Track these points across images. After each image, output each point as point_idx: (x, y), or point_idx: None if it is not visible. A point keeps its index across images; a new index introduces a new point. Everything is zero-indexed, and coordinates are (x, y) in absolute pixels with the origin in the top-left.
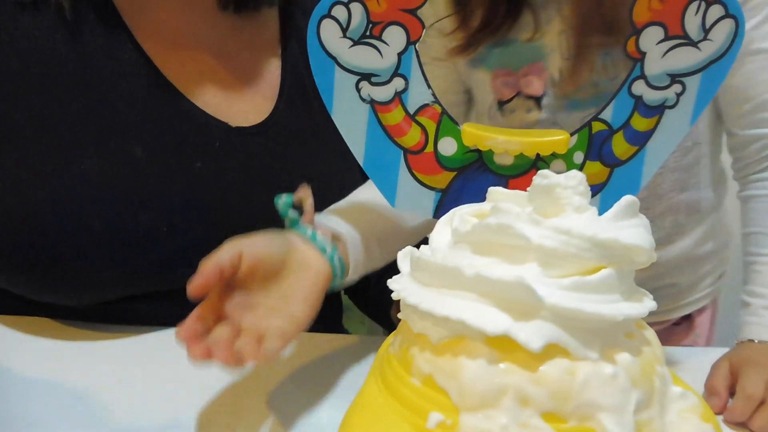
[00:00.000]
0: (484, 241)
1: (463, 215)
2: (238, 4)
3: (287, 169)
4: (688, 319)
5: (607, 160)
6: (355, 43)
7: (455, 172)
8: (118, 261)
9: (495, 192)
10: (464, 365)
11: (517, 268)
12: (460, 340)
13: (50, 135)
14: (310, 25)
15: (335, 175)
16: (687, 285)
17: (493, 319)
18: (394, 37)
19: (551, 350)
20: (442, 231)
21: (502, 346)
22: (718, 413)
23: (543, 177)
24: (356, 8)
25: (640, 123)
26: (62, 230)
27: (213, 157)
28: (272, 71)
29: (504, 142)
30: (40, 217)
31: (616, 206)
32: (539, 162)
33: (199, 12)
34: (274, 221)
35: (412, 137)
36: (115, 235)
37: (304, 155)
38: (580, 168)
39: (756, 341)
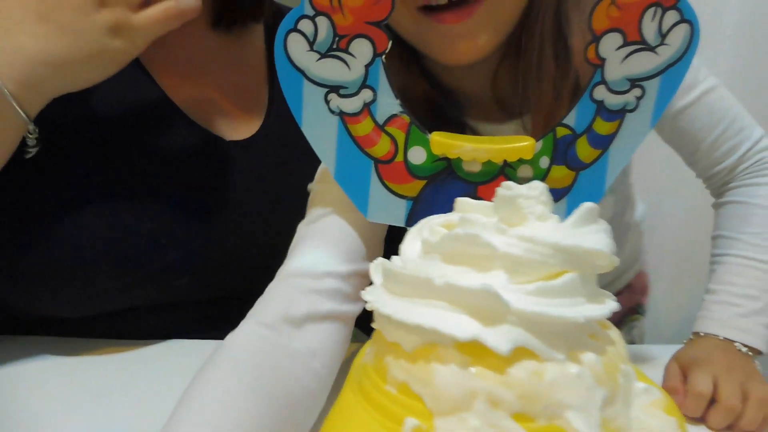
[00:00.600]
0: (452, 251)
1: (432, 226)
2: (229, 22)
3: (281, 178)
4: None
5: (572, 164)
6: (323, 56)
7: (425, 181)
8: (119, 269)
9: (462, 203)
10: (437, 371)
11: (484, 276)
12: (433, 347)
13: (50, 143)
14: (277, 39)
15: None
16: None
17: (462, 326)
18: (361, 49)
19: (519, 353)
20: (413, 242)
21: (473, 351)
22: (692, 414)
23: (507, 188)
24: (322, 22)
25: (602, 127)
26: (66, 238)
27: (210, 169)
28: (260, 85)
29: (471, 150)
30: (43, 224)
31: (576, 213)
32: (507, 168)
33: (191, 31)
34: (269, 231)
35: (382, 147)
36: (117, 244)
37: (297, 164)
38: (546, 172)
39: (702, 333)
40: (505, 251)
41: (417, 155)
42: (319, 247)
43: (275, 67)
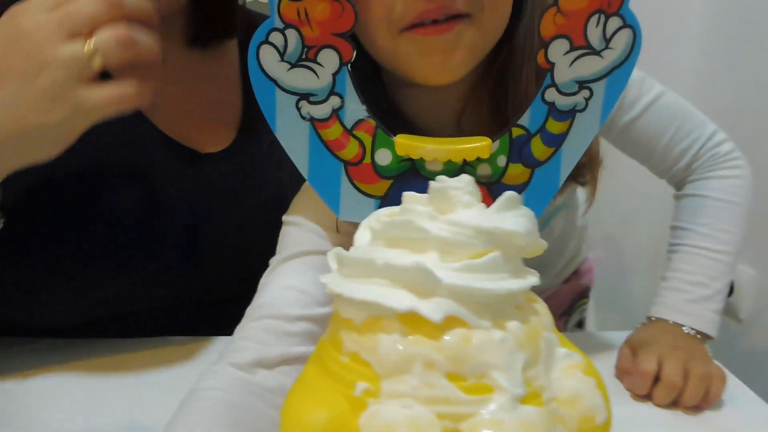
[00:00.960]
0: (393, 236)
1: (379, 217)
2: (204, 41)
3: (255, 188)
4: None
5: (527, 161)
6: (293, 66)
7: (392, 180)
8: (97, 283)
9: (408, 196)
10: (381, 340)
11: (419, 257)
12: (378, 320)
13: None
14: (250, 51)
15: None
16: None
17: (401, 299)
18: (328, 59)
19: (450, 322)
20: (363, 232)
21: (411, 321)
22: (639, 392)
23: (439, 182)
24: (291, 34)
25: (554, 127)
26: (47, 259)
27: (186, 182)
28: (234, 100)
29: (433, 150)
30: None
31: (498, 201)
32: (466, 167)
33: (167, 47)
34: (246, 240)
35: (350, 150)
36: (94, 261)
37: (271, 175)
38: (504, 170)
39: (653, 318)
40: (437, 234)
41: (383, 157)
42: (293, 288)
43: (249, 80)
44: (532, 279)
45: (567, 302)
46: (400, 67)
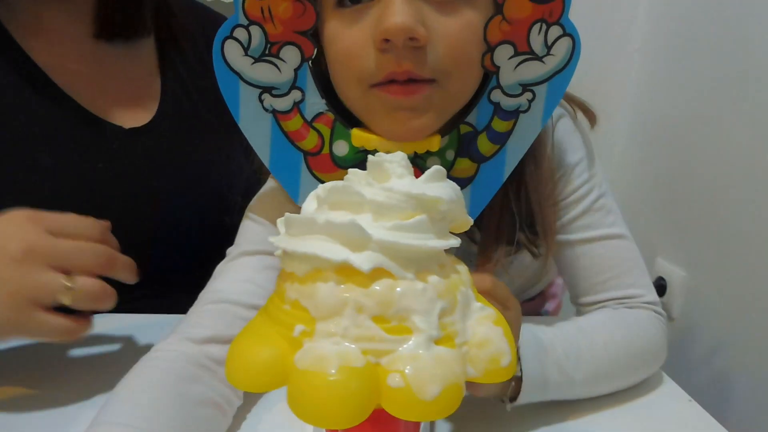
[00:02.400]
0: (334, 200)
1: (324, 186)
2: (110, 36)
3: (177, 158)
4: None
5: (474, 156)
6: (256, 60)
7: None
8: None
9: (353, 171)
10: (319, 288)
11: (356, 217)
12: (318, 271)
13: None
14: (215, 45)
15: (222, 161)
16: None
17: (337, 252)
18: (290, 55)
19: (379, 273)
20: (310, 201)
21: (346, 272)
22: None
23: (377, 157)
24: (255, 30)
25: (499, 125)
26: None
27: (112, 156)
28: (152, 75)
29: (386, 143)
30: None
31: (427, 173)
32: (417, 159)
33: (78, 39)
34: (175, 209)
35: (310, 141)
36: None
37: (199, 141)
38: (452, 163)
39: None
40: (371, 198)
41: (340, 148)
42: (251, 282)
43: (167, 58)
44: (453, 240)
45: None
46: (367, 119)
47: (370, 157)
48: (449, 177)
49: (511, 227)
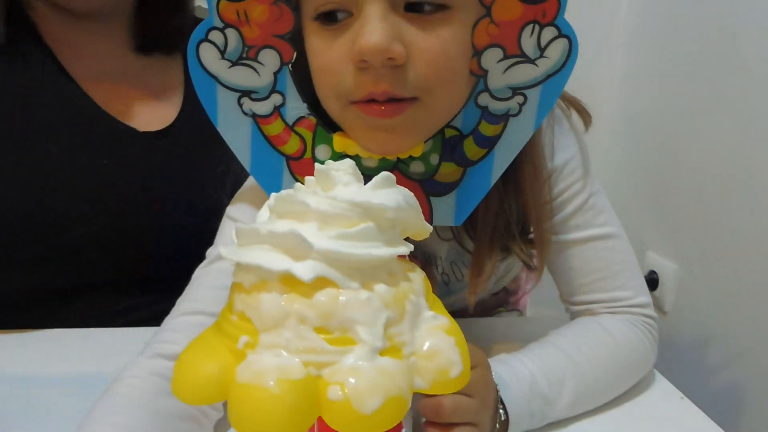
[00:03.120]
0: (281, 210)
1: (276, 196)
2: (149, 49)
3: (187, 168)
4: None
5: (460, 161)
6: (234, 64)
7: None
8: (31, 241)
9: (307, 179)
10: (263, 299)
11: (300, 226)
12: (264, 282)
13: None
14: (189, 47)
15: (230, 173)
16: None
17: (279, 262)
18: (269, 58)
19: (323, 282)
20: (264, 210)
21: (290, 283)
22: None
23: (325, 165)
24: (231, 33)
25: (487, 129)
26: None
27: (119, 155)
28: (175, 82)
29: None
30: None
31: (374, 179)
32: (400, 163)
33: (110, 50)
34: (174, 214)
35: (291, 146)
36: (29, 217)
37: (215, 150)
38: (437, 168)
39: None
40: (316, 207)
41: (323, 152)
42: (226, 288)
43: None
44: (403, 248)
45: (489, 308)
46: (347, 131)
47: (317, 165)
48: (434, 181)
49: (504, 234)
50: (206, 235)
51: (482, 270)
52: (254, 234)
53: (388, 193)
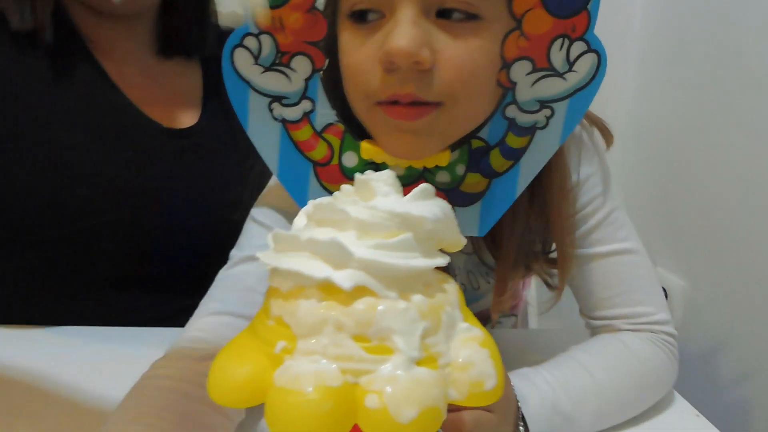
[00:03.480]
0: (320, 218)
1: (313, 203)
2: (171, 54)
3: (208, 168)
4: None
5: (485, 172)
6: (266, 69)
7: None
8: (48, 224)
9: (344, 187)
10: (300, 305)
11: (340, 234)
12: (301, 288)
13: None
14: (225, 52)
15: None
16: None
17: (319, 269)
18: (301, 65)
19: (361, 291)
20: (301, 217)
21: (328, 290)
22: None
23: (364, 175)
24: (266, 39)
25: (514, 141)
26: (6, 195)
27: (142, 148)
28: (194, 91)
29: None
30: None
31: (414, 191)
32: (426, 173)
33: (135, 53)
34: (193, 210)
35: (319, 152)
36: (49, 200)
37: (226, 157)
38: (462, 178)
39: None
40: (356, 216)
41: (350, 159)
42: (255, 291)
43: (210, 74)
44: (440, 260)
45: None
46: (372, 133)
47: (357, 175)
48: (459, 191)
49: (527, 253)
50: (217, 237)
51: (505, 289)
52: (293, 240)
53: (427, 205)
